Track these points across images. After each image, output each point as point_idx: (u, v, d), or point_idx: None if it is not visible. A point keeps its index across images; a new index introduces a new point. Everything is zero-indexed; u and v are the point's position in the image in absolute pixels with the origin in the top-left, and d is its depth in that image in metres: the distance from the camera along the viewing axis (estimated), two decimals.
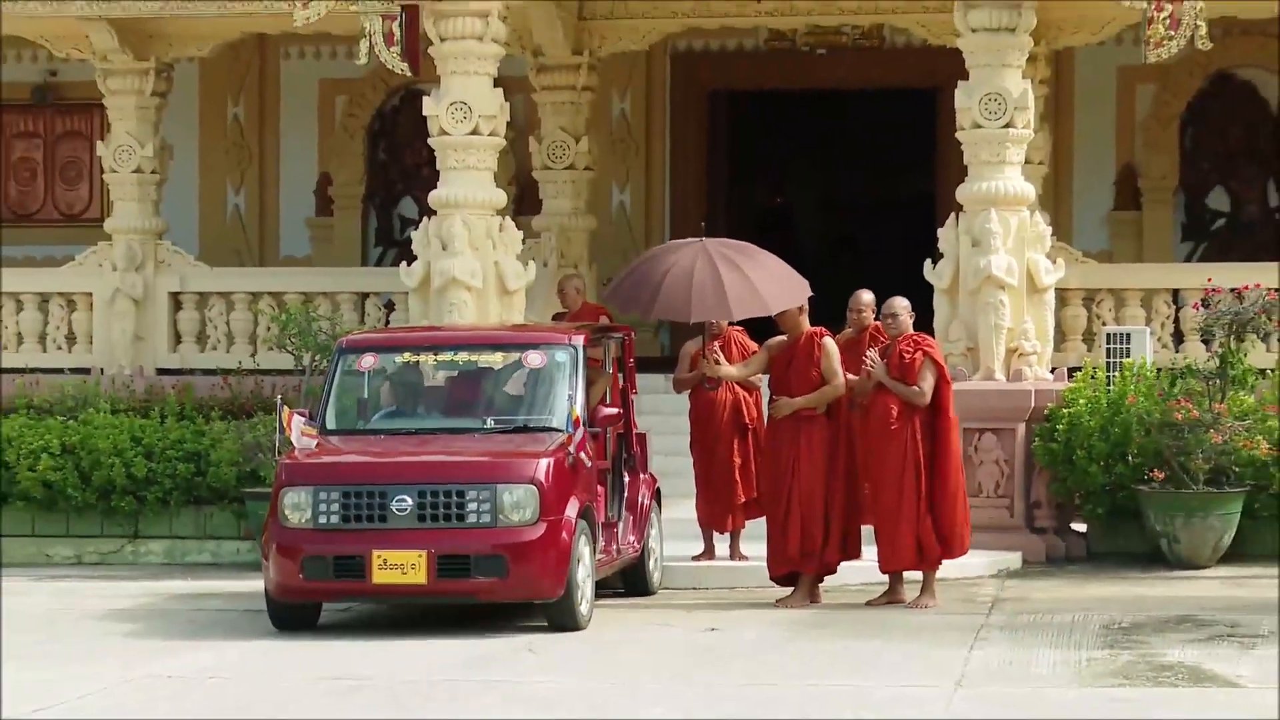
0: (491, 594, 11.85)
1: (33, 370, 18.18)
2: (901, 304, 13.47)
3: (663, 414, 15.73)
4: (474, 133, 16.03)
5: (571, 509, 11.89)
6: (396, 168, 21.71)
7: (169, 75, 19.11)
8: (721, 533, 14.86)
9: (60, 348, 18.70)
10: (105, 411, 16.67)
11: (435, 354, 13.50)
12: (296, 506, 11.88)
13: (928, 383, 13.13)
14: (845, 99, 21.92)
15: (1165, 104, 20.98)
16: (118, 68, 18.58)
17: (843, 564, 13.87)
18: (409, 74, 16.90)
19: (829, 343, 13.35)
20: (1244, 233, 20.95)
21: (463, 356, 13.40)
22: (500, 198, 16.53)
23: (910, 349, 13.27)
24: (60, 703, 9.98)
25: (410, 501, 11.68)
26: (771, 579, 13.74)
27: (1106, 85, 20.95)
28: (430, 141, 16.33)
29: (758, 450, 14.40)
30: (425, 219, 16.50)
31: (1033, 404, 15.63)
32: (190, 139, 21.70)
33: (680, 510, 15.15)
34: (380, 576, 11.63)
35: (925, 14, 17.04)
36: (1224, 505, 15.13)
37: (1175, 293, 17.29)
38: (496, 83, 16.27)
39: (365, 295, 18.31)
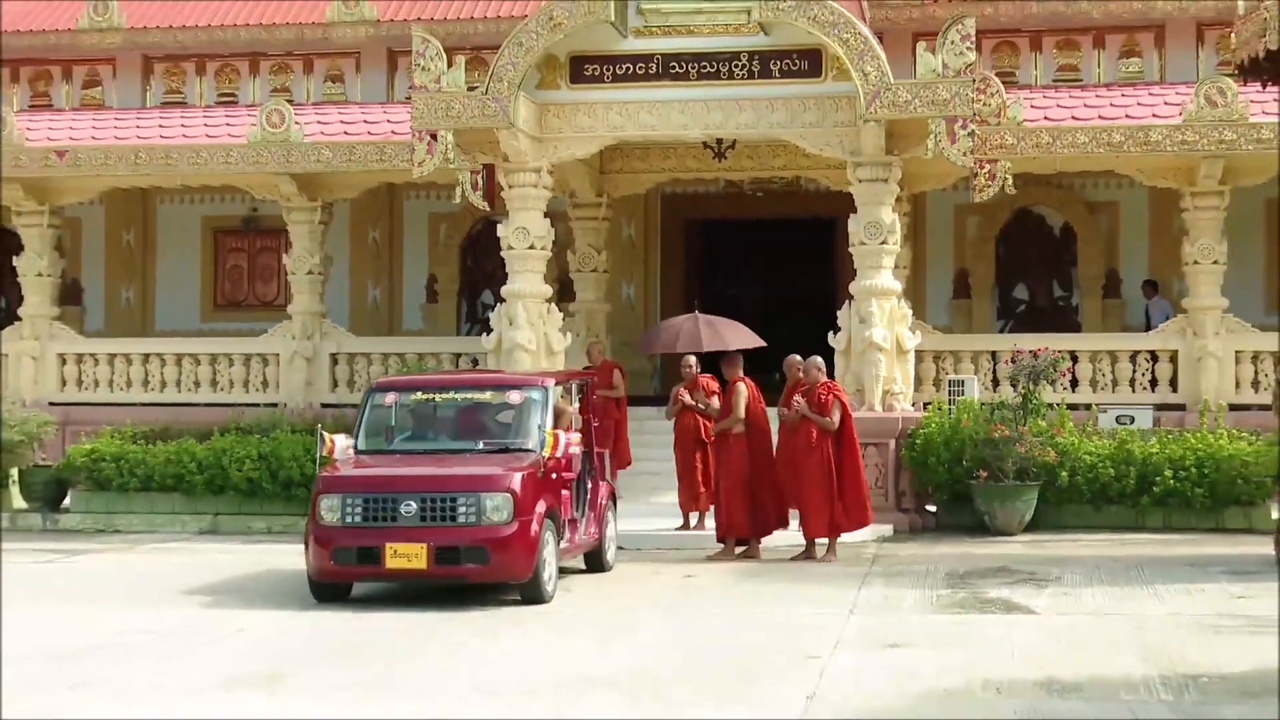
0: (476, 576, 10.92)
1: (239, 405, 18.23)
2: (819, 362, 13.86)
3: (659, 433, 15.65)
4: (530, 248, 16.06)
5: (539, 511, 10.93)
6: (479, 271, 21.69)
7: (330, 210, 19.19)
8: (692, 512, 14.82)
9: (258, 390, 18.67)
10: (287, 432, 16.64)
11: (441, 393, 12.43)
12: (330, 509, 10.92)
13: (836, 415, 13.43)
14: (775, 225, 21.90)
15: (985, 229, 21.01)
16: (296, 206, 18.66)
17: (777, 532, 14.01)
18: (488, 209, 16.96)
19: (740, 386, 13.80)
20: (1038, 314, 20.98)
21: (461, 395, 12.37)
22: (548, 291, 16.55)
23: (825, 392, 13.51)
24: (225, 634, 9.99)
25: (415, 506, 10.80)
26: (717, 539, 13.89)
27: (947, 217, 20.99)
28: (502, 253, 16.32)
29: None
30: (499, 305, 16.47)
31: (900, 427, 15.63)
32: (344, 252, 21.74)
33: (671, 496, 15.11)
34: (392, 563, 10.74)
35: (828, 169, 17.05)
36: (1026, 493, 15.10)
37: (993, 353, 17.25)
38: (546, 215, 16.30)
39: (459, 355, 18.32)
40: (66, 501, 17.20)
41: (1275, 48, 12.71)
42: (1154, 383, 17.18)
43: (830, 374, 15.08)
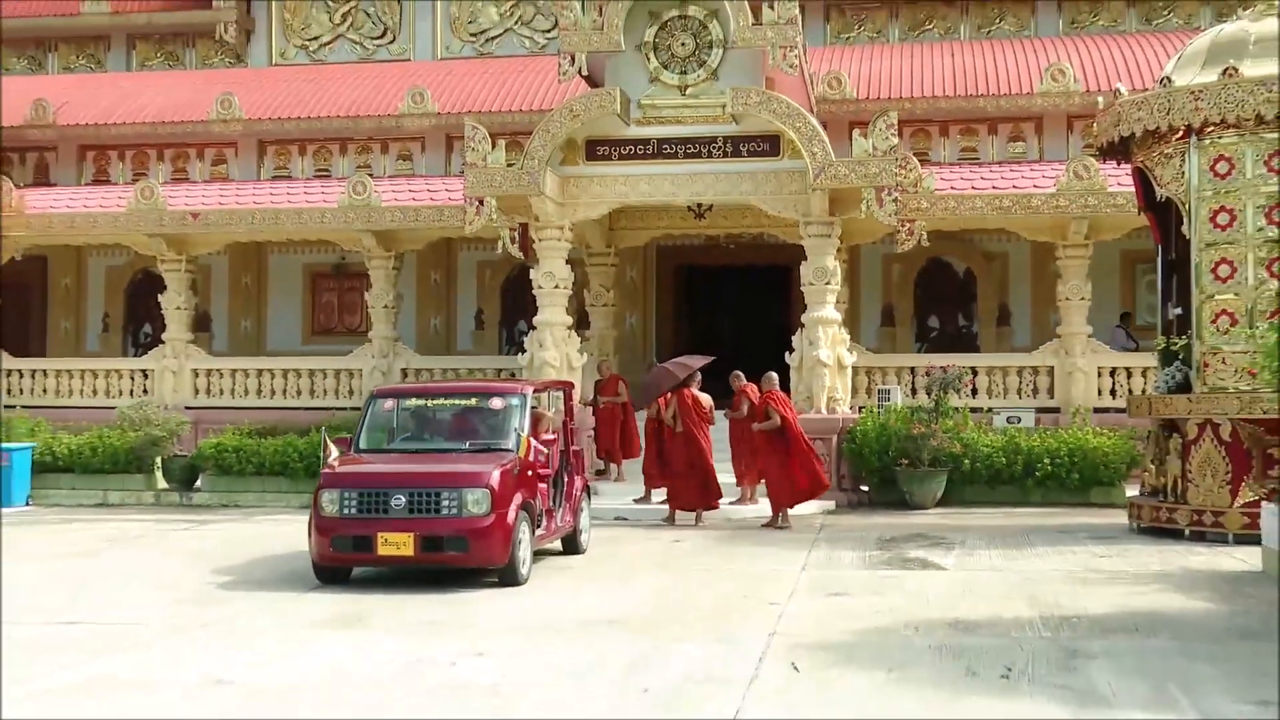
0: (458, 562, 9.56)
1: (331, 408, 18.14)
2: (773, 377, 13.90)
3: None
4: (556, 287, 16.07)
5: (515, 504, 9.65)
6: (516, 306, 21.64)
7: (401, 259, 19.23)
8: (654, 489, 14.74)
9: (345, 396, 18.54)
10: None
11: (432, 399, 11.12)
12: (331, 502, 9.65)
13: (775, 417, 13.40)
14: (744, 270, 21.95)
15: (905, 274, 21.04)
16: (375, 255, 18.71)
17: (745, 506, 14.07)
18: (522, 258, 16.98)
19: (672, 398, 13.87)
20: (946, 339, 20.97)
21: (450, 401, 10.99)
22: (569, 320, 16.50)
23: (765, 401, 13.61)
24: (311, 589, 9.88)
25: (404, 499, 9.49)
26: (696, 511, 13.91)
27: (876, 263, 21.02)
28: (534, 291, 16.31)
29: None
30: (531, 331, 16.47)
31: (841, 426, 15.63)
32: (412, 290, 21.78)
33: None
34: (383, 550, 9.46)
35: (785, 227, 17.05)
36: (937, 477, 15.12)
37: (912, 369, 17.26)
38: (567, 262, 16.29)
39: (500, 369, 18.30)
40: (198, 483, 17.20)
41: (1126, 135, 12.81)
42: (1035, 391, 17.21)
43: (786, 386, 15.15)
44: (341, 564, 9.83)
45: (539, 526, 10.27)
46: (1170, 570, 10.21)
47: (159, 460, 17.27)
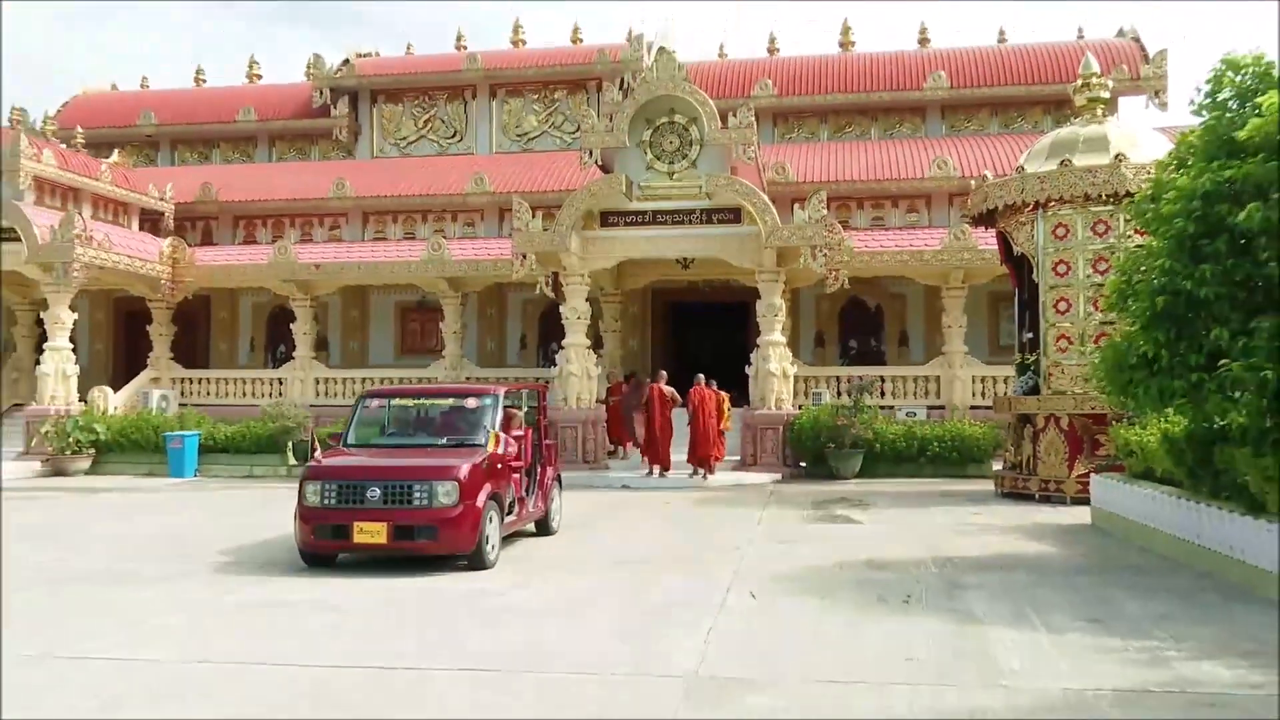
0: (428, 549, 7.67)
1: None
2: (699, 379, 14.45)
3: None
4: (579, 318, 16.01)
5: (483, 495, 7.86)
6: (549, 331, 21.58)
7: (466, 297, 19.26)
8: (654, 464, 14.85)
9: None
10: None
11: (414, 400, 9.23)
12: (314, 493, 7.81)
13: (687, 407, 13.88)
14: (716, 305, 21.87)
15: (832, 309, 21.02)
16: (448, 295, 18.72)
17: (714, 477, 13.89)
18: (554, 297, 16.95)
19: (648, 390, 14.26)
20: (862, 356, 20.95)
21: (430, 401, 9.17)
22: (588, 342, 16.37)
23: (712, 395, 13.94)
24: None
25: (378, 491, 7.67)
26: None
27: (811, 301, 20.99)
28: (562, 321, 16.21)
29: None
30: (560, 350, 16.39)
31: (785, 419, 15.54)
32: (474, 321, 21.77)
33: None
34: (359, 538, 7.64)
35: (745, 274, 16.92)
36: (856, 456, 15.06)
37: (838, 378, 17.30)
38: (587, 299, 16.19)
39: (537, 378, 18.22)
40: None
41: (992, 208, 12.85)
42: (927, 394, 17.25)
43: (745, 390, 15.13)
44: (323, 551, 7.97)
45: (510, 513, 8.56)
46: (1025, 524, 10.19)
47: (290, 444, 17.21)
